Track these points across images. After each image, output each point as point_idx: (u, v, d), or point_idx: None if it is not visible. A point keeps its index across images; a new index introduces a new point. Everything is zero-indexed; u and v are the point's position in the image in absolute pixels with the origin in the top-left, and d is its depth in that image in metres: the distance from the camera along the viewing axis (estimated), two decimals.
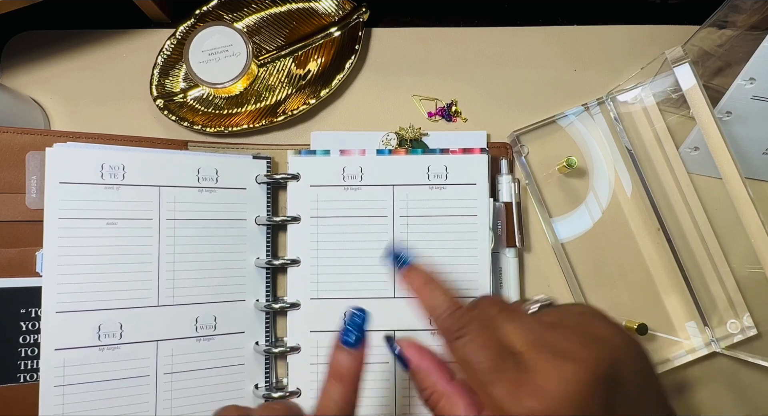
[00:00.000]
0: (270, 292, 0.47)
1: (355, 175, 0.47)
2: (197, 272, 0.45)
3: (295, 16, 0.53)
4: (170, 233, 0.45)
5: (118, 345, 0.43)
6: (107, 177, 0.44)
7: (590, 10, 0.54)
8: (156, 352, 0.44)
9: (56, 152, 0.43)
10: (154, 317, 0.44)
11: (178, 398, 0.44)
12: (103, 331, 0.43)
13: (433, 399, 0.32)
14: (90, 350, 0.42)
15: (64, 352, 0.42)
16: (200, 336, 0.45)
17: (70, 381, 0.42)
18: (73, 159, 0.43)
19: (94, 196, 0.43)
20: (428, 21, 0.54)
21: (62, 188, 0.43)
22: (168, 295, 0.44)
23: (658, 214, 0.49)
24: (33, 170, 0.43)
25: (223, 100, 0.52)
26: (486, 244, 0.46)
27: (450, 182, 0.47)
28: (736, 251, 0.49)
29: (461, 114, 0.52)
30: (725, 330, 0.48)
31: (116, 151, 0.44)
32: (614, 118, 0.50)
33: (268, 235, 0.48)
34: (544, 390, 0.28)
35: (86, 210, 0.43)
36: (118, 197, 0.44)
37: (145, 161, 0.45)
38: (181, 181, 0.46)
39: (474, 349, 0.30)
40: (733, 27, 0.45)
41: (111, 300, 0.43)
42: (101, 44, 0.53)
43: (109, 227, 0.43)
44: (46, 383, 0.41)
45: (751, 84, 0.44)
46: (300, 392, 0.45)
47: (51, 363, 0.41)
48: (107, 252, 0.43)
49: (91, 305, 0.42)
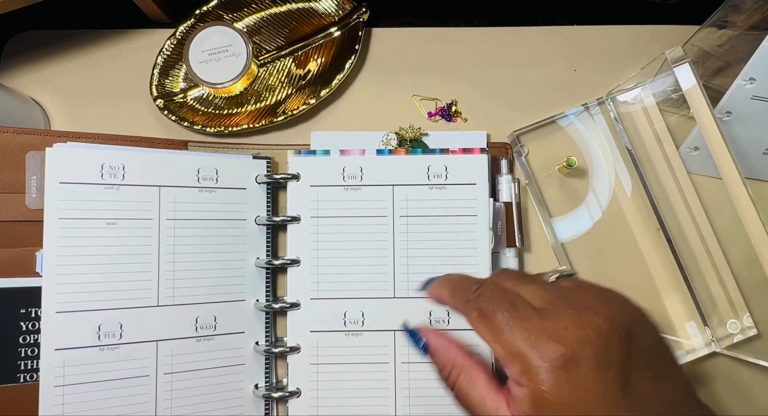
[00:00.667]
0: (270, 292, 0.47)
1: (355, 175, 0.47)
2: (197, 272, 0.45)
3: (295, 16, 0.53)
4: (170, 233, 0.45)
5: (118, 345, 0.43)
6: (107, 177, 0.44)
7: (590, 10, 0.54)
8: (156, 352, 0.44)
9: (56, 152, 0.43)
10: (154, 317, 0.44)
11: (178, 398, 0.44)
12: (103, 331, 0.42)
13: (452, 375, 0.33)
14: (90, 350, 0.42)
15: (64, 352, 0.41)
16: (200, 336, 0.45)
17: (70, 381, 0.41)
18: (73, 159, 0.43)
19: (94, 196, 0.43)
20: (428, 21, 0.54)
21: (62, 188, 0.42)
22: (168, 295, 0.44)
23: (658, 214, 0.49)
24: (33, 170, 0.43)
25: (223, 100, 0.52)
26: (486, 244, 0.46)
27: (450, 182, 0.47)
28: (736, 251, 0.49)
29: (461, 114, 0.52)
30: (725, 330, 0.48)
31: (116, 151, 0.44)
32: (614, 118, 0.50)
33: (268, 235, 0.48)
34: (564, 334, 0.28)
35: (86, 210, 0.43)
36: (118, 197, 0.44)
37: (145, 161, 0.45)
38: (181, 181, 0.46)
39: (493, 301, 0.31)
40: (733, 27, 0.45)
41: (111, 300, 0.43)
42: (101, 44, 0.53)
43: (109, 227, 0.43)
44: (46, 383, 0.41)
45: (751, 84, 0.44)
46: (300, 392, 0.45)
47: (51, 363, 0.41)
48: (107, 252, 0.43)
49: (91, 305, 0.42)
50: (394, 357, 0.45)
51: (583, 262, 0.49)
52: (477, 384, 0.32)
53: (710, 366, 0.49)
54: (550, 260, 0.50)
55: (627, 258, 0.50)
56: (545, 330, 0.29)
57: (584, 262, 0.49)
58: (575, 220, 0.50)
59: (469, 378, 0.32)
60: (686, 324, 0.49)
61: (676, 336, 0.49)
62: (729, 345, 0.48)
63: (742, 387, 0.49)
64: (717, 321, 0.48)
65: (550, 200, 0.50)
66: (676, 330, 0.49)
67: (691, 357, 0.48)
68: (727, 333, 0.48)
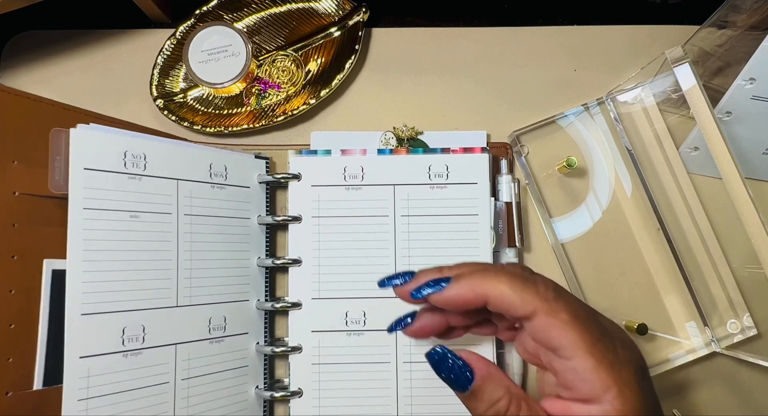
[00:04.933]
0: (268, 292, 0.47)
1: (357, 175, 0.47)
2: (211, 271, 0.44)
3: (295, 16, 0.53)
4: (188, 229, 0.43)
5: (141, 350, 0.40)
6: (130, 166, 0.40)
7: (590, 10, 0.54)
8: (175, 356, 0.41)
9: (80, 133, 0.39)
10: (173, 318, 0.41)
11: (193, 404, 0.42)
12: (127, 335, 0.39)
13: (512, 408, 0.29)
14: (114, 357, 0.38)
15: (89, 360, 0.37)
16: (213, 338, 0.43)
17: (94, 394, 0.37)
18: (97, 143, 0.39)
19: (118, 186, 0.40)
20: (428, 21, 0.54)
21: (87, 175, 0.39)
22: (186, 295, 0.42)
23: (658, 214, 0.49)
24: (56, 148, 0.39)
25: (223, 100, 0.52)
26: (487, 243, 0.46)
27: (451, 181, 0.47)
28: (736, 251, 0.49)
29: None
30: (725, 330, 0.48)
31: (138, 138, 0.41)
32: (614, 118, 0.50)
33: (267, 235, 0.48)
34: (632, 344, 0.30)
35: (111, 201, 0.39)
36: (141, 188, 0.41)
37: (164, 151, 0.42)
38: (196, 175, 0.44)
39: (578, 305, 0.30)
40: (733, 27, 0.45)
41: (135, 301, 0.40)
42: (101, 44, 0.53)
43: (133, 221, 0.40)
44: (70, 396, 0.36)
45: (751, 84, 0.44)
46: (302, 392, 0.45)
47: (75, 374, 0.37)
48: (131, 248, 0.40)
49: (116, 306, 0.39)
50: (396, 356, 0.45)
51: (583, 262, 0.49)
52: (539, 412, 0.29)
53: (710, 366, 0.49)
54: (550, 260, 0.50)
55: (627, 258, 0.50)
56: (622, 342, 0.29)
57: (584, 262, 0.49)
58: (575, 220, 0.50)
59: (530, 407, 0.29)
60: (686, 324, 0.49)
61: (676, 336, 0.49)
62: (729, 345, 0.48)
63: (742, 387, 0.49)
64: (717, 321, 0.48)
65: (550, 200, 0.50)
66: (676, 330, 0.49)
67: (691, 357, 0.48)
68: (727, 333, 0.48)
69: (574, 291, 0.48)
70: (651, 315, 0.49)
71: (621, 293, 0.49)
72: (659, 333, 0.49)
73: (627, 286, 0.49)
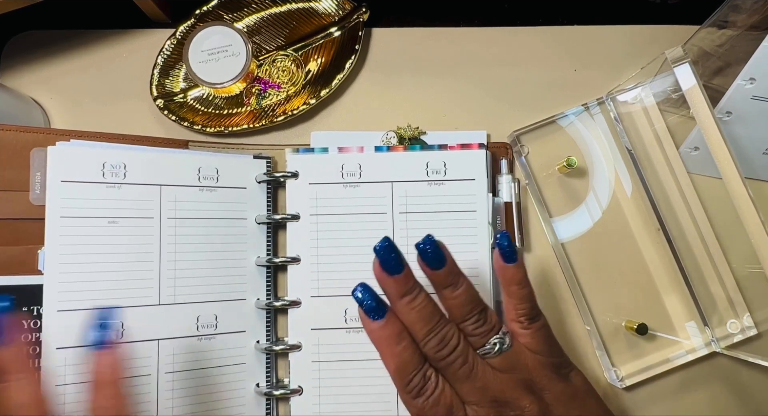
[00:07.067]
0: (271, 291, 0.47)
1: (354, 172, 0.47)
2: (198, 271, 0.45)
3: (295, 16, 0.53)
4: (171, 231, 0.45)
5: (120, 344, 0.42)
6: (109, 176, 0.44)
7: (590, 10, 0.55)
8: (157, 351, 0.44)
9: (58, 150, 0.43)
10: (155, 316, 0.44)
11: (179, 397, 0.44)
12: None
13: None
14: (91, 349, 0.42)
15: (65, 351, 0.41)
16: (201, 335, 0.45)
17: (71, 381, 0.41)
18: (74, 158, 0.43)
19: (96, 194, 0.43)
20: (428, 21, 0.54)
21: (64, 186, 0.43)
22: (169, 294, 0.44)
23: (658, 214, 0.49)
24: (37, 166, 0.43)
25: (223, 100, 0.52)
26: (486, 239, 0.46)
27: (449, 177, 0.47)
28: (736, 251, 0.49)
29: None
30: (725, 330, 0.48)
31: (118, 150, 0.44)
32: (614, 118, 0.50)
33: (268, 234, 0.48)
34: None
35: (88, 208, 0.43)
36: (120, 195, 0.44)
37: (147, 160, 0.45)
38: (182, 180, 0.46)
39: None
40: (733, 27, 0.45)
41: (113, 299, 0.43)
42: (101, 44, 0.53)
43: (111, 226, 0.43)
44: (47, 382, 0.41)
45: (751, 84, 0.44)
46: (302, 390, 0.45)
47: (52, 362, 0.41)
48: (109, 251, 0.43)
49: (92, 303, 0.42)
50: None
51: (583, 262, 0.49)
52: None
53: (710, 366, 0.49)
54: (550, 260, 0.50)
55: (627, 258, 0.50)
56: None
57: (584, 262, 0.49)
58: (575, 220, 0.50)
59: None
60: (686, 324, 0.49)
61: (676, 336, 0.49)
62: (729, 345, 0.47)
63: (742, 387, 0.49)
64: (717, 320, 0.48)
65: (550, 200, 0.50)
66: (676, 330, 0.49)
67: (691, 357, 0.48)
68: (727, 333, 0.48)
69: (574, 291, 0.48)
70: (651, 315, 0.49)
71: (621, 293, 0.49)
72: (659, 333, 0.49)
73: (627, 286, 0.49)
